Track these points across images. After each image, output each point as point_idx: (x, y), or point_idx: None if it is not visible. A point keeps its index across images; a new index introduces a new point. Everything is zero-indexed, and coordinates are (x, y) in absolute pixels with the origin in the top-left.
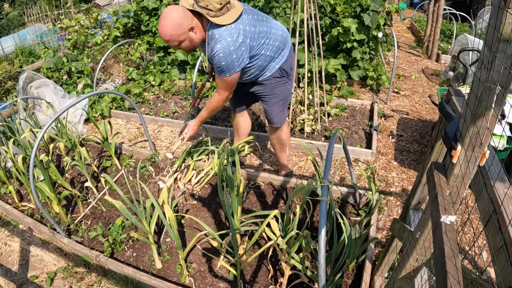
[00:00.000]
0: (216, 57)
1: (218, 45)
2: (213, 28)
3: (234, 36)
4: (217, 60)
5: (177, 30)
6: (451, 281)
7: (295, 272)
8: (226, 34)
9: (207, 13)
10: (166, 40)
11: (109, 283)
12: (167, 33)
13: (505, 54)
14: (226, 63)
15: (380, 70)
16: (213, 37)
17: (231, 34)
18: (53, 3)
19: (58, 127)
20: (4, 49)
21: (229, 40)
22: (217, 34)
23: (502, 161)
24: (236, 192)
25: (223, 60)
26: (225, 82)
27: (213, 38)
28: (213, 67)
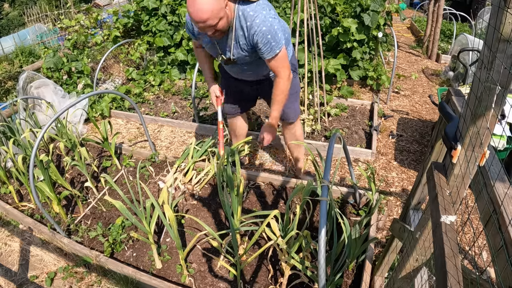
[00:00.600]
0: (260, 34)
1: (257, 20)
2: (243, 5)
3: (267, 9)
4: (262, 36)
5: (216, 4)
6: (451, 281)
7: (295, 272)
8: (259, 8)
9: None
10: (205, 18)
11: (109, 283)
12: (207, 9)
13: (505, 54)
14: (272, 35)
15: (380, 70)
16: (247, 15)
17: (264, 8)
18: (53, 3)
19: (58, 127)
20: (4, 49)
21: (265, 13)
22: (251, 11)
23: (502, 161)
24: (236, 192)
25: (268, 33)
26: (280, 59)
27: (247, 17)
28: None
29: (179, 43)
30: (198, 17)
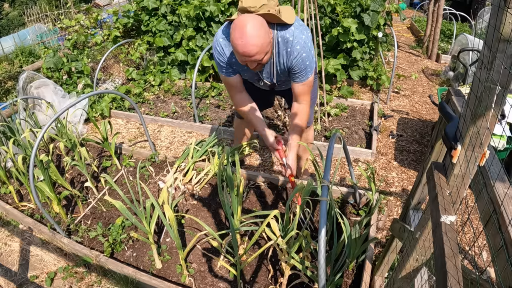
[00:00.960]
0: (299, 59)
1: (297, 46)
2: (281, 31)
3: (304, 32)
4: (301, 61)
5: (265, 38)
6: (451, 281)
7: (295, 272)
8: (298, 32)
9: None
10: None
11: (109, 283)
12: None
13: (505, 54)
14: (310, 61)
15: (380, 70)
16: (287, 40)
17: (302, 31)
18: (53, 3)
19: (58, 127)
20: (4, 49)
21: (304, 37)
22: (290, 36)
23: (502, 161)
24: (236, 192)
25: (307, 59)
26: (309, 84)
27: (287, 42)
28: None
29: (179, 43)
30: (246, 52)
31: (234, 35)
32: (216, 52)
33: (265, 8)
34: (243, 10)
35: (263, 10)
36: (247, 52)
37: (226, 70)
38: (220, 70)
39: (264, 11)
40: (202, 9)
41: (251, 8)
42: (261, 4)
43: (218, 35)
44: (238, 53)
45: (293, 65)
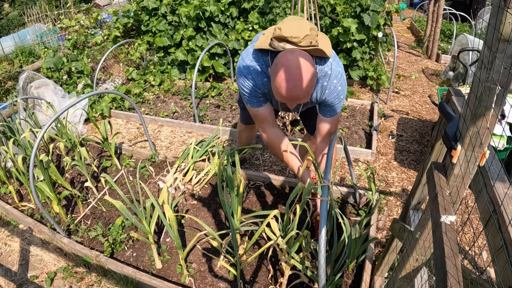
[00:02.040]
0: (335, 93)
1: (335, 80)
2: (321, 64)
3: (340, 63)
4: (336, 96)
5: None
6: (451, 281)
7: (295, 272)
8: (335, 66)
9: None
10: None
11: (109, 283)
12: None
13: (505, 54)
14: (344, 94)
15: (380, 70)
16: (324, 74)
17: (338, 64)
18: (53, 3)
19: (58, 127)
20: (4, 49)
21: (340, 69)
22: (328, 70)
23: (502, 161)
24: (236, 192)
25: (342, 93)
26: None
27: (324, 75)
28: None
29: (179, 43)
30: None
31: (281, 75)
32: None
33: (308, 39)
34: (281, 39)
35: (306, 41)
36: (294, 96)
37: (257, 100)
38: (249, 102)
39: (306, 42)
40: (202, 9)
41: (293, 38)
42: (304, 34)
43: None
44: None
45: (327, 99)
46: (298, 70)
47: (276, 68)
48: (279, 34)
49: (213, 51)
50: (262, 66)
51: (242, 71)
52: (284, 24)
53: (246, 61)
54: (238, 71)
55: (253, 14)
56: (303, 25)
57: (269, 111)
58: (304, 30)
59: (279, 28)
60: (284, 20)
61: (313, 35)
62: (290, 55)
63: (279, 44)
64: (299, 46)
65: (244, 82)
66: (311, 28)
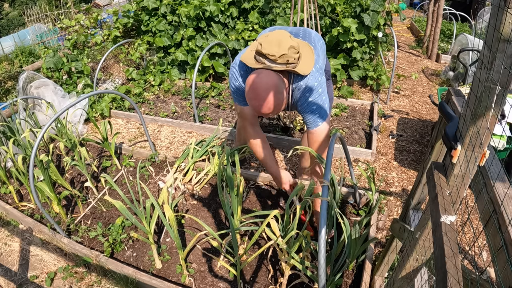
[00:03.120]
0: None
1: (307, 94)
2: (299, 79)
3: (319, 79)
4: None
5: (280, 99)
6: (451, 281)
7: (295, 272)
8: (311, 80)
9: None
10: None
11: (109, 283)
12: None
13: (505, 54)
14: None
15: (380, 70)
16: (299, 87)
17: (316, 78)
18: (53, 3)
19: (58, 127)
20: (4, 49)
21: (316, 84)
22: (304, 84)
23: (502, 161)
24: (236, 192)
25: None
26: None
27: (299, 89)
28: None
29: (179, 43)
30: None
31: (249, 94)
32: (236, 81)
33: (284, 58)
34: (260, 54)
35: (282, 60)
36: (261, 112)
37: (243, 100)
38: (237, 100)
39: (282, 61)
40: (202, 9)
41: (270, 56)
42: (281, 53)
43: (236, 67)
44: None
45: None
46: (262, 92)
47: (247, 86)
48: (259, 49)
49: (213, 51)
50: (246, 74)
51: (234, 73)
52: (266, 39)
53: (236, 66)
54: (230, 73)
55: (253, 14)
56: (283, 42)
57: (251, 112)
58: (282, 48)
59: (260, 43)
60: (268, 34)
61: (290, 53)
62: (256, 77)
63: (259, 58)
64: (275, 63)
65: (235, 82)
66: (290, 46)
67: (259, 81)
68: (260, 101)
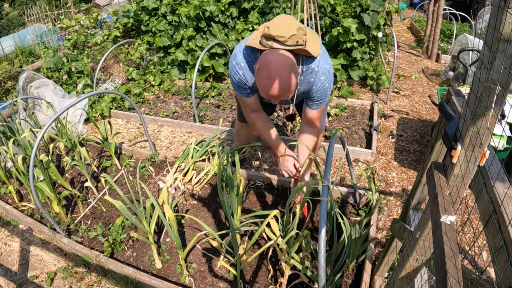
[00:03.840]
0: (321, 89)
1: (322, 77)
2: (308, 62)
3: (328, 60)
4: (323, 91)
5: (294, 79)
6: (451, 281)
7: (295, 272)
8: (323, 63)
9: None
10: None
11: (109, 283)
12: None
13: (505, 54)
14: (330, 90)
15: (380, 70)
16: (311, 70)
17: (326, 61)
18: (53, 3)
19: (58, 127)
20: (4, 49)
21: (328, 67)
22: (316, 67)
23: (502, 161)
24: (236, 192)
25: (328, 89)
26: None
27: (311, 72)
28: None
29: (179, 43)
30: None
31: (262, 74)
32: (236, 75)
33: (294, 39)
34: (269, 37)
35: (292, 41)
36: (274, 94)
37: (244, 91)
38: (238, 91)
39: (292, 42)
40: (202, 9)
41: (279, 37)
42: (290, 34)
43: (237, 58)
44: (263, 92)
45: (314, 94)
46: (276, 70)
47: (258, 67)
48: (267, 32)
49: (213, 51)
50: (252, 63)
51: (234, 64)
52: (273, 23)
53: (238, 56)
54: (230, 65)
55: (253, 14)
56: (291, 24)
57: (255, 101)
58: (291, 29)
59: (267, 26)
60: (274, 19)
61: (299, 34)
62: (270, 55)
63: (266, 42)
64: (285, 45)
65: (236, 74)
66: (299, 27)
67: (274, 59)
68: (274, 81)
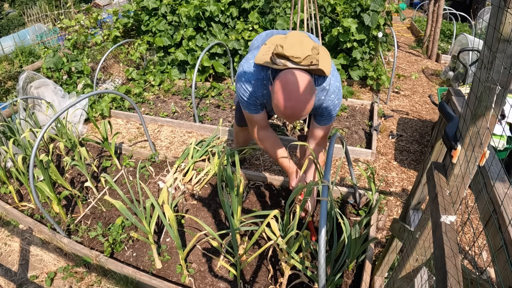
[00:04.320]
0: (331, 106)
1: (332, 95)
2: (320, 81)
3: (338, 77)
4: (332, 108)
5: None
6: (451, 281)
7: (295, 272)
8: (333, 81)
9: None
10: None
11: (109, 283)
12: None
13: (505, 54)
14: (339, 107)
15: (380, 70)
16: (323, 89)
17: (336, 78)
18: (53, 3)
19: (58, 127)
20: (4, 49)
21: (338, 84)
22: (327, 85)
23: (502, 161)
24: (236, 192)
25: (338, 106)
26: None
27: (322, 90)
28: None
29: (179, 43)
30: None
31: (282, 96)
32: (246, 92)
33: (309, 59)
34: (282, 57)
35: (306, 61)
36: (292, 115)
37: (254, 108)
38: (247, 109)
39: (307, 62)
40: (202, 9)
41: (294, 58)
42: (305, 55)
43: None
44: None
45: (324, 111)
46: (297, 92)
47: (277, 87)
48: (280, 51)
49: (213, 51)
50: (262, 79)
51: (243, 81)
52: (287, 41)
53: (247, 71)
54: (239, 79)
55: (253, 14)
56: (305, 44)
57: (263, 117)
58: (306, 50)
59: (281, 45)
60: (287, 36)
61: (314, 54)
62: (291, 76)
63: (280, 61)
64: (299, 65)
65: (245, 91)
66: (313, 47)
67: (294, 80)
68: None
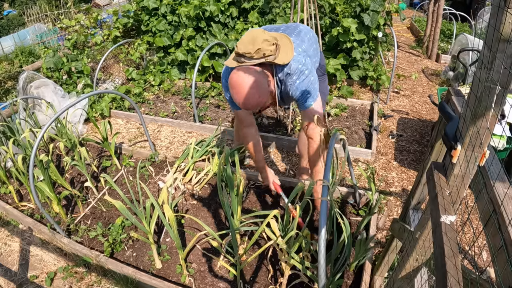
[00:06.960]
0: (299, 91)
1: (294, 77)
2: (282, 69)
3: (302, 61)
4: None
5: (262, 93)
6: (451, 281)
7: (295, 272)
8: (295, 64)
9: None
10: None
11: (109, 283)
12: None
13: (505, 54)
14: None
15: (380, 70)
16: (286, 74)
17: (299, 61)
18: (53, 3)
19: (58, 127)
20: (4, 49)
21: (300, 66)
22: (288, 70)
23: (502, 161)
24: (236, 192)
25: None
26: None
27: (286, 75)
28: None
29: (179, 43)
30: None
31: (232, 92)
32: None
33: (260, 52)
34: (239, 55)
35: (258, 54)
36: (246, 107)
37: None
38: (231, 105)
39: (259, 55)
40: (202, 9)
41: (246, 54)
42: (255, 49)
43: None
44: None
45: (293, 94)
46: (240, 87)
47: (229, 85)
48: (236, 51)
49: (213, 51)
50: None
51: (223, 85)
52: (241, 40)
53: (225, 74)
54: (222, 78)
55: (253, 14)
56: (257, 38)
57: (247, 113)
58: (256, 44)
59: (237, 45)
60: (243, 35)
61: (265, 46)
62: (233, 74)
63: (239, 59)
64: (253, 60)
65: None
66: (264, 40)
67: (237, 77)
68: (241, 97)
